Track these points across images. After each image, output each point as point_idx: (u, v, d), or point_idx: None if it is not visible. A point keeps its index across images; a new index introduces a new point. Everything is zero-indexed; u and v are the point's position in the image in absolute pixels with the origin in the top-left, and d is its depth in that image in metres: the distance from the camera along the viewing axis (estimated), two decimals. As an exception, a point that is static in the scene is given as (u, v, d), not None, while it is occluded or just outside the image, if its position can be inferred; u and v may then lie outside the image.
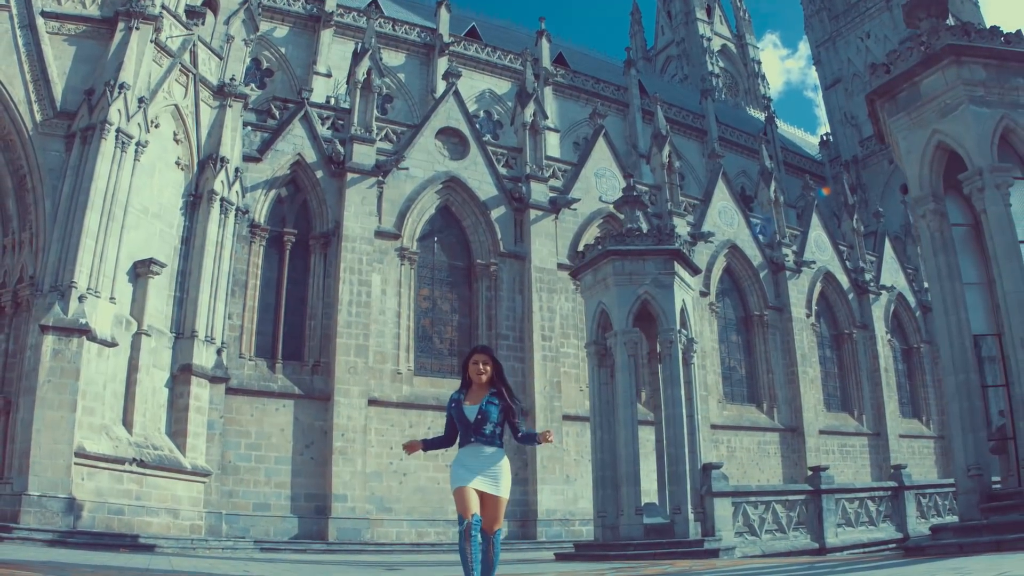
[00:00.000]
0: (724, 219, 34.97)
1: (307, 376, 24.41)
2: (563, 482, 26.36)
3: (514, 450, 26.27)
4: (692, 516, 16.39)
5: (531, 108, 30.54)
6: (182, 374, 20.95)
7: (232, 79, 23.45)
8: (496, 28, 47.52)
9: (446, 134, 28.70)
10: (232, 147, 22.98)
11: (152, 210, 20.81)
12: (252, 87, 25.06)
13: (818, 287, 36.78)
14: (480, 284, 28.01)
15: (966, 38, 11.10)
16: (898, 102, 11.67)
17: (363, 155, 26.24)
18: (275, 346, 24.46)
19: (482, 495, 6.08)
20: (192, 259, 21.76)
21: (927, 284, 11.50)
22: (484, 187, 28.54)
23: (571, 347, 28.44)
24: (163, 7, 21.44)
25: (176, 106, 21.78)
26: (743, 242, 35.09)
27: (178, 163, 21.93)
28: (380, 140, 27.36)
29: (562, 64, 46.00)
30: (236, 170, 23.03)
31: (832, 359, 37.19)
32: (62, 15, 20.37)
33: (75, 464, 17.27)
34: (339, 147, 26.12)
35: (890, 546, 18.97)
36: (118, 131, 19.16)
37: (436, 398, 25.41)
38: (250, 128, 25.05)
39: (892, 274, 39.74)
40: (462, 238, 28.51)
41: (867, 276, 38.26)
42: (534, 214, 29.00)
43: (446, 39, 41.04)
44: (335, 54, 37.71)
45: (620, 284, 17.69)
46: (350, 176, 25.83)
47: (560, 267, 28.91)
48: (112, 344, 18.82)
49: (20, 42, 19.42)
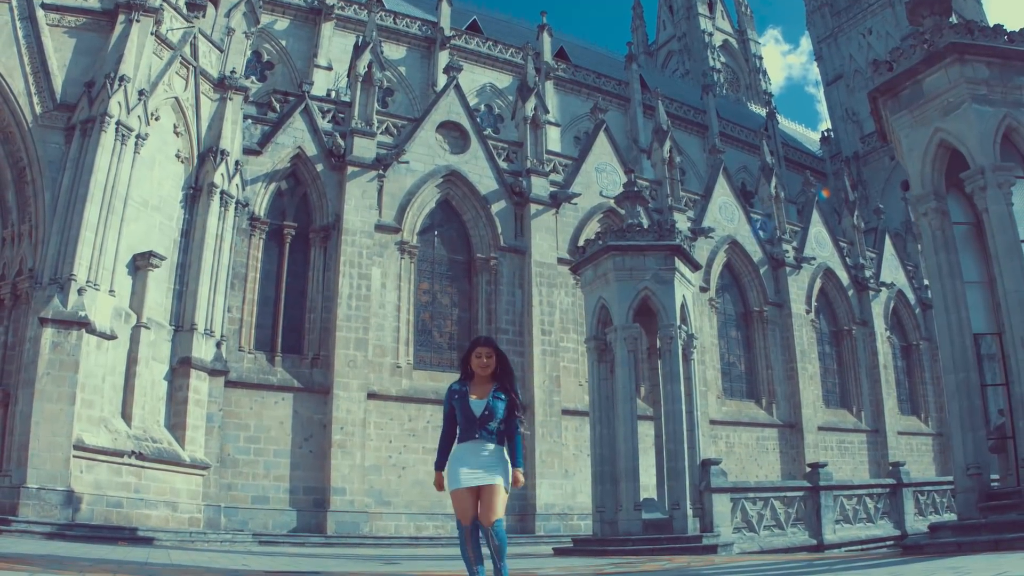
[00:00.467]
0: (725, 215, 34.94)
1: (306, 369, 24.40)
2: (562, 476, 26.38)
3: (513, 444, 26.28)
4: (691, 512, 16.38)
5: (532, 102, 30.49)
6: (181, 367, 20.91)
7: (233, 72, 23.38)
8: (497, 22, 47.45)
9: (447, 128, 28.67)
10: (232, 140, 22.94)
11: (152, 203, 20.77)
12: (252, 80, 25.03)
13: (818, 283, 36.80)
14: (480, 278, 28.01)
15: (969, 36, 11.05)
16: (901, 100, 11.64)
17: (363, 148, 26.20)
18: (274, 339, 24.46)
19: (478, 488, 5.91)
20: (192, 252, 21.72)
21: (927, 282, 11.43)
22: (485, 181, 28.52)
23: (571, 342, 28.44)
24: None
25: (176, 99, 21.72)
26: (743, 238, 35.07)
27: (178, 156, 21.87)
28: (381, 133, 27.33)
29: (563, 58, 45.93)
30: (236, 163, 22.98)
31: (831, 355, 37.19)
32: (62, 7, 20.28)
33: (74, 457, 17.24)
34: (339, 140, 26.08)
35: (887, 543, 18.97)
36: (118, 123, 19.10)
37: (435, 392, 25.40)
38: (250, 121, 25.02)
39: (892, 271, 39.72)
40: (462, 232, 28.49)
41: (867, 273, 38.25)
42: (534, 208, 28.98)
43: (447, 33, 40.95)
44: (336, 47, 37.62)
45: (620, 279, 17.65)
46: (350, 169, 25.80)
47: (560, 262, 28.89)
48: (111, 337, 18.80)
49: (20, 34, 19.35)
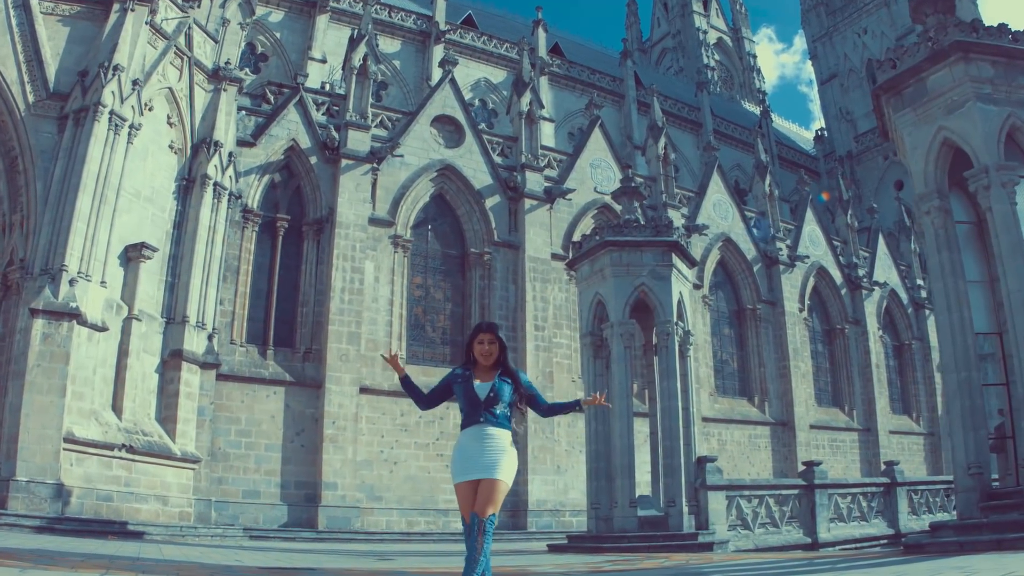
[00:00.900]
0: (719, 212, 34.91)
1: (298, 363, 24.26)
2: (554, 472, 26.29)
3: (506, 440, 26.19)
4: (686, 509, 16.31)
5: (527, 97, 30.37)
6: (172, 359, 20.78)
7: (227, 63, 23.20)
8: (492, 17, 47.30)
9: (441, 122, 28.53)
10: (226, 131, 22.78)
11: (144, 194, 20.60)
12: (246, 72, 24.85)
13: (811, 282, 36.81)
14: (473, 273, 27.89)
15: (974, 35, 10.98)
16: (904, 98, 11.56)
17: (358, 141, 26.05)
18: (266, 332, 24.30)
19: (479, 480, 5.56)
20: (184, 244, 21.57)
21: (929, 281, 11.34)
22: (479, 176, 28.41)
23: (564, 337, 28.37)
24: (159, -12, 21.23)
25: (170, 89, 21.54)
26: (737, 235, 35.05)
27: (171, 147, 21.70)
28: (375, 127, 27.19)
29: (558, 54, 45.79)
30: (230, 155, 22.82)
31: (824, 354, 37.21)
32: (56, -5, 20.14)
33: (64, 449, 17.11)
34: (334, 133, 25.93)
35: (881, 542, 18.93)
36: (111, 113, 18.95)
37: (428, 387, 25.13)
38: (244, 112, 24.84)
39: (885, 270, 39.75)
40: (456, 227, 28.37)
41: (860, 272, 38.28)
42: (529, 203, 28.87)
43: (442, 27, 40.77)
44: (330, 40, 37.45)
45: (617, 275, 17.56)
46: (344, 162, 25.65)
47: (554, 257, 28.86)
48: (102, 329, 18.64)
49: (14, 22, 19.15)
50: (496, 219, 28.26)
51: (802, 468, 19.74)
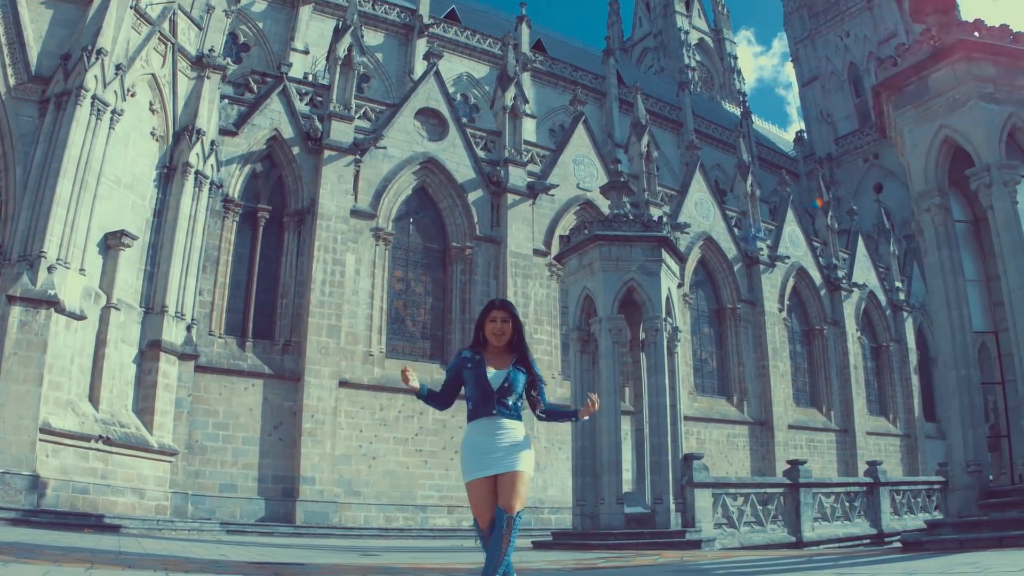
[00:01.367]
0: (700, 211, 34.91)
1: (277, 355, 23.99)
2: (533, 469, 26.05)
3: (484, 436, 26.02)
4: (673, 507, 16.20)
5: (512, 92, 30.24)
6: (151, 350, 20.42)
7: (211, 50, 22.83)
8: (476, 12, 47.08)
9: (425, 115, 28.32)
10: (209, 119, 22.42)
11: (125, 181, 20.20)
12: (228, 61, 24.41)
13: (791, 282, 36.96)
14: (455, 267, 27.71)
15: (976, 35, 10.95)
16: (905, 95, 11.50)
17: (341, 132, 25.79)
18: (246, 324, 24.02)
19: (496, 477, 5.00)
20: (164, 232, 21.19)
21: (928, 279, 11.27)
22: (462, 169, 28.22)
23: (545, 334, 28.26)
24: (143, -27, 20.86)
25: (153, 75, 21.15)
26: (718, 234, 35.11)
27: (153, 134, 21.31)
28: (358, 118, 26.94)
29: (540, 51, 45.66)
30: (212, 143, 22.46)
31: (802, 354, 37.35)
32: (40, -23, 19.72)
33: (40, 440, 16.73)
34: (317, 124, 25.64)
35: (864, 542, 18.93)
36: (94, 98, 18.56)
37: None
38: (227, 101, 24.50)
39: (864, 272, 39.96)
40: (438, 220, 28.17)
41: (839, 273, 38.46)
42: (511, 198, 28.73)
43: (426, 20, 40.49)
44: (313, 31, 37.12)
45: (606, 269, 17.42)
46: (327, 153, 25.38)
47: (536, 253, 28.78)
48: (80, 317, 18.27)
49: (-4, 4, 18.80)
50: (478, 213, 28.09)
51: (786, 467, 19.69)
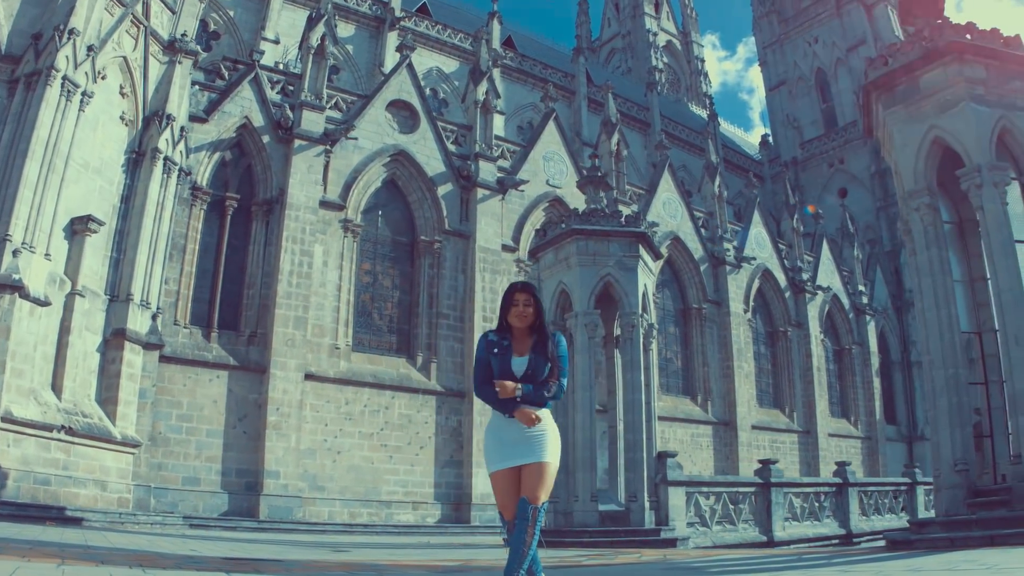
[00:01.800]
0: (668, 211, 35.01)
1: (243, 347, 23.63)
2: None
3: (450, 431, 25.89)
4: (647, 504, 16.11)
5: (484, 86, 30.11)
6: (115, 339, 19.91)
7: (184, 35, 22.32)
8: (447, 7, 46.93)
9: (397, 107, 28.07)
10: (179, 105, 21.93)
11: (93, 165, 19.67)
12: (199, 48, 23.99)
13: (756, 283, 37.22)
14: (423, 261, 27.51)
15: (968, 37, 11.01)
16: (895, 95, 11.53)
17: (312, 122, 25.48)
18: (211, 314, 23.63)
19: (520, 467, 4.89)
20: (131, 219, 20.67)
21: (917, 278, 11.29)
22: (432, 163, 28.01)
23: (511, 331, 28.05)
24: (117, -47, 20.38)
25: (125, 58, 20.62)
26: (685, 234, 35.24)
27: (122, 118, 20.77)
28: (329, 108, 26.63)
29: (511, 47, 45.64)
30: (182, 129, 21.98)
31: (766, 355, 37.62)
32: (11, -45, 19.18)
33: (1, 430, 16.27)
34: (288, 112, 25.27)
35: (833, 542, 19.02)
36: (64, 79, 18.04)
37: (373, 375, 25.03)
38: (198, 87, 24.04)
39: (828, 275, 40.34)
40: (407, 213, 27.94)
41: (804, 276, 38.79)
42: (481, 193, 28.61)
43: (397, 13, 40.12)
44: (284, 21, 36.64)
45: (583, 264, 17.29)
46: (297, 143, 25.05)
47: (504, 248, 28.74)
48: (45, 303, 17.76)
49: (-35, -20, 18.28)
50: (448, 207, 27.91)
51: (752, 467, 19.74)
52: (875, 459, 38.70)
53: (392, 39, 38.60)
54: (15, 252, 16.92)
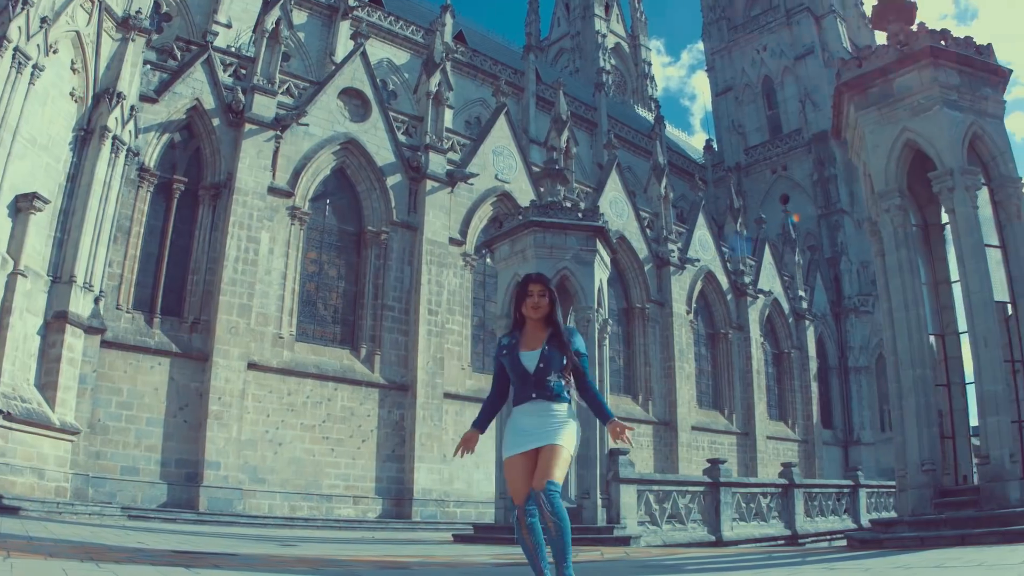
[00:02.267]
0: (615, 210, 35.08)
1: (185, 334, 23.11)
2: (440, 461, 25.84)
3: (393, 425, 25.63)
4: (600, 502, 16.04)
5: (437, 77, 29.93)
6: (56, 322, 19.26)
7: (138, 12, 21.67)
8: (400, -1, 46.63)
9: (349, 95, 27.74)
10: (130, 84, 21.32)
11: (40, 141, 19.02)
12: (152, 27, 23.44)
13: (699, 285, 37.62)
14: (369, 252, 27.22)
15: (943, 43, 11.13)
16: (868, 97, 11.62)
17: (263, 107, 25.04)
18: (154, 299, 23.05)
19: (536, 452, 4.81)
20: (77, 199, 20.01)
21: (886, 278, 11.41)
22: (382, 153, 27.74)
23: (456, 324, 28.04)
24: (72, -76, 19.73)
25: (78, 32, 19.94)
26: (631, 234, 35.40)
27: (72, 94, 20.12)
28: (281, 94, 26.22)
29: (461, 42, 45.53)
30: (132, 108, 21.37)
31: (707, 357, 37.99)
32: (-40, -79, 18.46)
33: (-63, 413, 15.73)
34: (240, 96, 24.78)
35: (779, 542, 19.16)
36: (16, 50, 17.37)
37: (316, 366, 24.70)
38: (149, 67, 23.43)
39: (769, 280, 40.84)
40: (355, 203, 27.63)
41: (746, 279, 39.25)
42: (430, 185, 28.41)
43: (351, 2, 39.65)
44: (236, 6, 35.92)
45: (540, 256, 17.14)
46: (248, 127, 24.58)
47: (452, 242, 28.63)
48: (-14, 283, 17.21)
49: (-90, -55, 17.54)
50: (396, 198, 27.68)
51: (697, 467, 19.83)
52: (812, 462, 39.28)
53: (344, 28, 38.22)
54: (-43, 228, 16.33)
